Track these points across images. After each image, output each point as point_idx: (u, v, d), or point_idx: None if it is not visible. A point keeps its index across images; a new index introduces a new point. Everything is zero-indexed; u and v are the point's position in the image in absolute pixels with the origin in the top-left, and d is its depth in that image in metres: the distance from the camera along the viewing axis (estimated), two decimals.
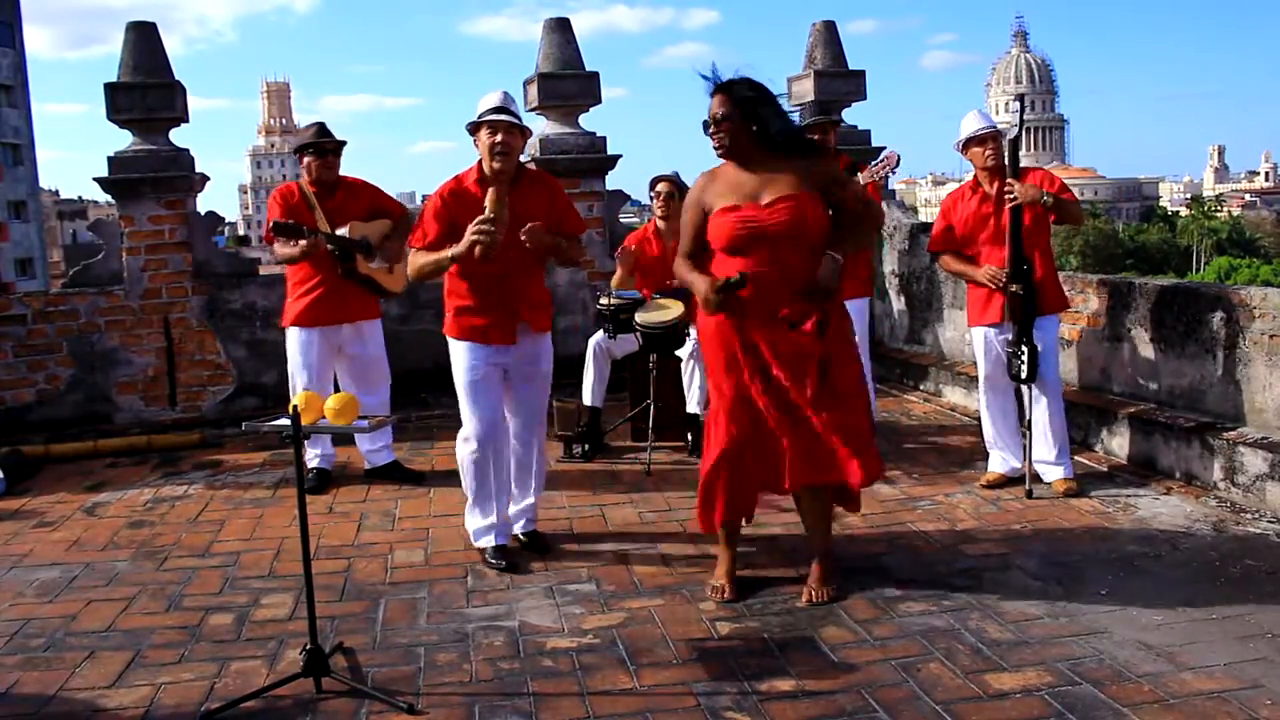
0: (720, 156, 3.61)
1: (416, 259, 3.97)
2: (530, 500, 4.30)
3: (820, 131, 5.78)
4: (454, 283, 4.03)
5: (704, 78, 3.56)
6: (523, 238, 3.80)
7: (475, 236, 3.71)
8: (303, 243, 4.82)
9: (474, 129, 3.93)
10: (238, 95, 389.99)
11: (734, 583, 3.74)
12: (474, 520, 4.17)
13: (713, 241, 3.60)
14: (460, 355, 4.05)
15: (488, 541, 4.12)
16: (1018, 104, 4.68)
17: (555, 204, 4.10)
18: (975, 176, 4.87)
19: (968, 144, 4.80)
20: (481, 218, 3.73)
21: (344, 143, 5.16)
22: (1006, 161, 4.61)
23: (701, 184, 3.67)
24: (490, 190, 3.80)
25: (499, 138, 3.84)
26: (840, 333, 3.62)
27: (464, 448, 4.11)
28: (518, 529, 4.27)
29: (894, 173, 5.02)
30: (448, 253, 3.83)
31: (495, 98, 3.93)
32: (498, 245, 3.75)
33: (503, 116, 3.86)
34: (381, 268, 5.12)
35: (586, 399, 5.77)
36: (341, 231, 4.96)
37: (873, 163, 4.97)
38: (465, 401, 4.07)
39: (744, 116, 3.50)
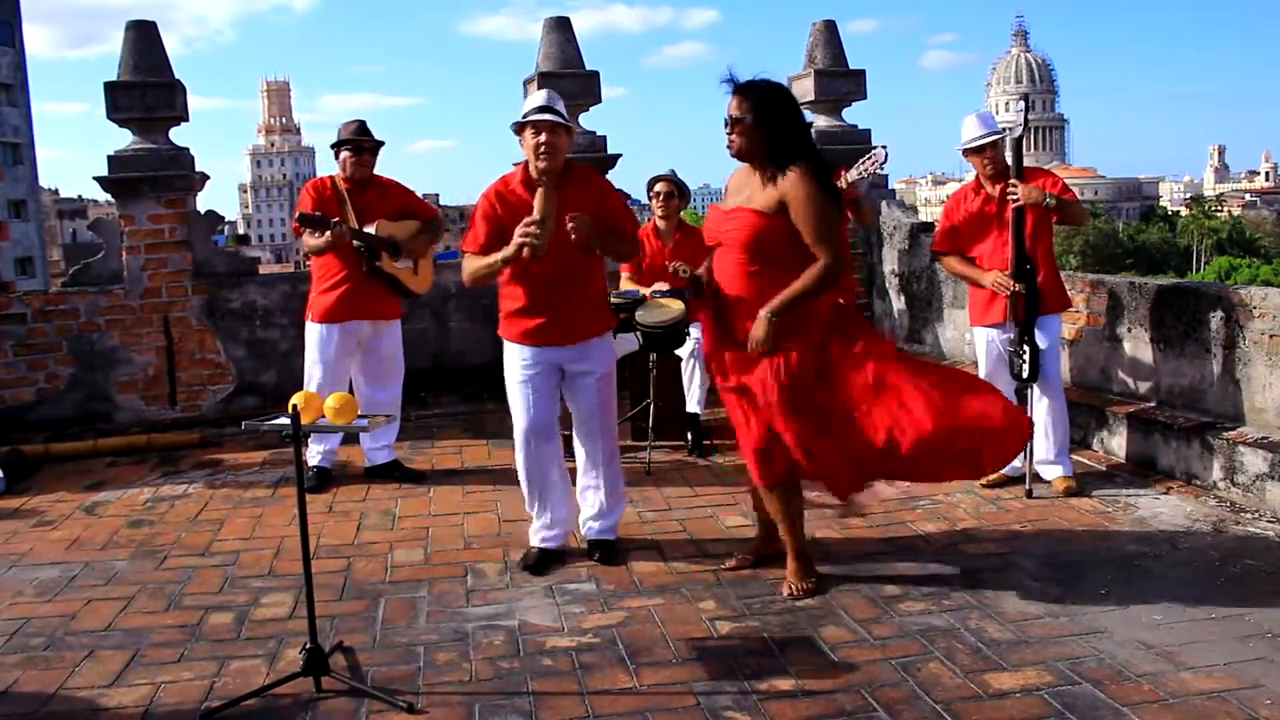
0: (732, 157, 3.63)
1: (469, 264, 3.94)
2: (597, 508, 4.15)
3: None
4: (506, 285, 3.99)
5: (727, 80, 3.57)
6: (569, 227, 3.71)
7: (522, 239, 3.69)
8: (329, 234, 4.83)
9: (519, 129, 3.89)
10: (237, 94, 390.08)
11: (744, 558, 3.96)
12: (532, 519, 4.18)
13: None
14: (512, 356, 4.02)
15: (534, 541, 4.13)
16: (1022, 103, 4.68)
17: (604, 203, 3.99)
18: (978, 177, 4.87)
19: (967, 151, 4.79)
20: (529, 219, 3.71)
21: (382, 143, 5.15)
22: (1010, 162, 4.60)
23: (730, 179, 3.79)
24: (539, 190, 3.77)
25: (543, 137, 3.79)
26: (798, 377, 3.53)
27: (516, 449, 4.10)
28: (586, 534, 4.20)
29: (882, 169, 4.93)
30: (497, 257, 3.80)
31: (540, 97, 3.90)
32: (546, 246, 3.71)
33: (546, 116, 3.81)
34: (406, 268, 5.13)
35: None
36: (368, 229, 4.97)
37: (860, 160, 4.84)
38: (513, 402, 4.04)
39: (758, 121, 3.51)
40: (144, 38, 6.56)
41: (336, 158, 5.13)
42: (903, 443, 3.41)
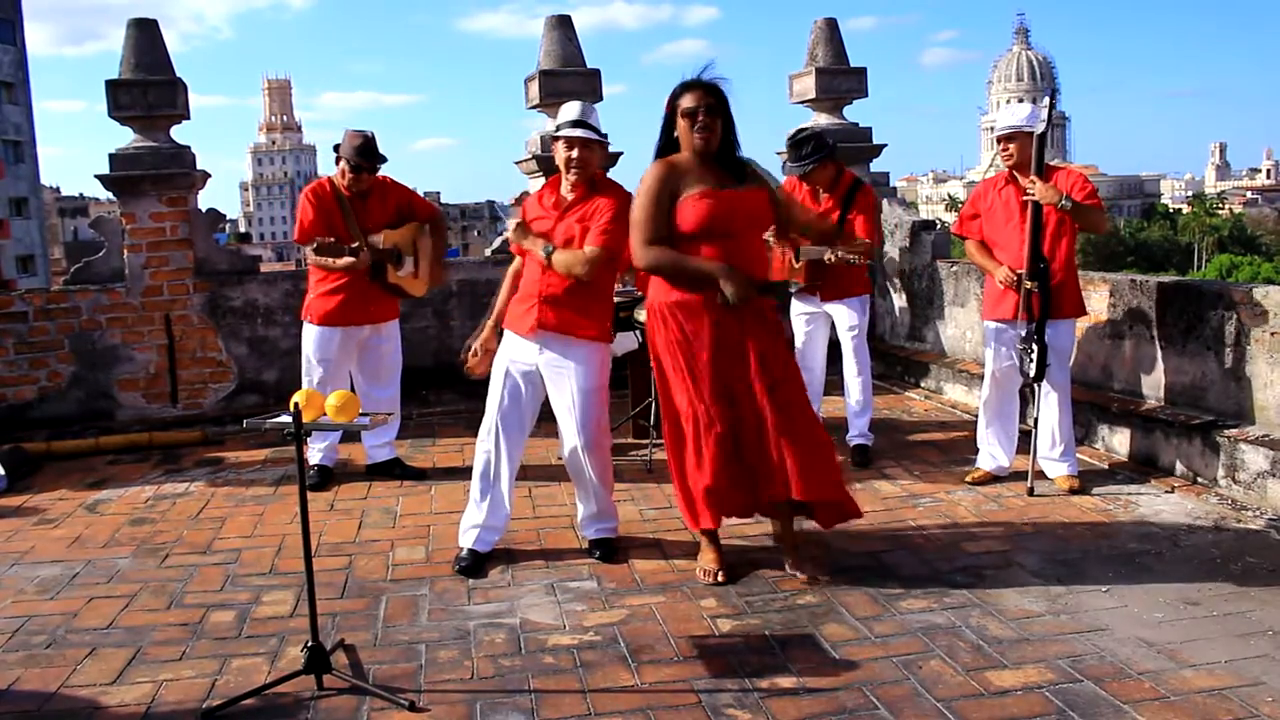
0: (702, 149, 3.63)
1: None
2: (592, 512, 4.15)
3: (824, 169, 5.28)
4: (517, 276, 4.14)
5: (694, 79, 3.65)
6: (510, 238, 3.92)
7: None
8: (349, 259, 4.87)
9: (554, 140, 3.96)
10: (236, 92, 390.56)
11: (725, 568, 3.85)
12: (466, 515, 4.15)
13: (683, 225, 3.64)
14: (502, 343, 4.10)
15: (465, 540, 4.10)
16: (1047, 99, 4.59)
17: (598, 215, 3.89)
18: (1009, 169, 4.81)
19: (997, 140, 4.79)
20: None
21: (378, 164, 5.05)
22: (1032, 158, 4.56)
23: (662, 172, 3.68)
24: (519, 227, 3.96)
25: (574, 153, 3.87)
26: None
27: (480, 435, 4.11)
28: (585, 534, 4.20)
29: (860, 262, 5.09)
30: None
31: (574, 109, 3.93)
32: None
33: (579, 131, 3.85)
34: (409, 274, 5.15)
35: None
36: (374, 239, 4.99)
37: (845, 252, 5.02)
38: (491, 388, 4.08)
39: (726, 116, 3.66)
40: (146, 36, 6.57)
41: (337, 163, 5.11)
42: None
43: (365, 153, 4.98)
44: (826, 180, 5.30)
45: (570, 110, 3.93)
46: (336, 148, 5.07)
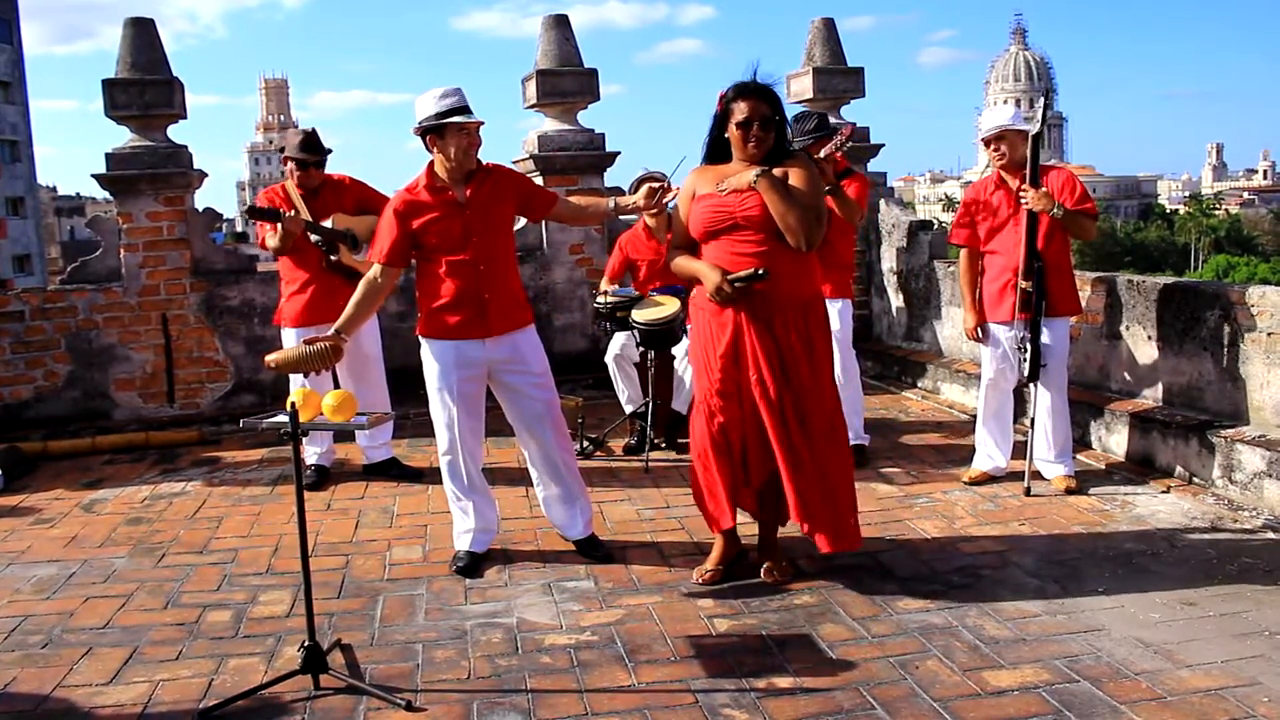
0: (755, 157, 3.60)
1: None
2: (567, 506, 4.12)
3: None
4: (425, 282, 3.94)
5: (750, 82, 3.61)
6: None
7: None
8: (281, 226, 4.85)
9: (437, 130, 3.77)
10: (230, 91, 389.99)
11: (720, 570, 3.83)
12: (456, 524, 4.13)
13: (692, 229, 3.71)
14: (431, 355, 3.94)
15: (460, 544, 4.09)
16: (1041, 100, 4.61)
17: (519, 183, 4.04)
18: (998, 171, 4.83)
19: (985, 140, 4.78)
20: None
21: (323, 156, 5.11)
22: (1026, 159, 4.56)
23: (688, 182, 3.78)
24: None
25: (476, 138, 3.82)
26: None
27: (440, 453, 4.04)
28: (570, 535, 4.17)
29: (845, 144, 5.02)
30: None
31: (454, 94, 3.77)
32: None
33: (475, 117, 3.78)
34: (366, 260, 5.12)
35: (627, 408, 5.77)
36: (324, 223, 4.98)
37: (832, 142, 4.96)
38: (435, 403, 3.96)
39: (780, 124, 3.63)
40: (142, 35, 6.56)
41: (284, 164, 5.16)
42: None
43: (308, 147, 5.07)
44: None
45: (450, 95, 3.76)
46: (281, 149, 5.17)
